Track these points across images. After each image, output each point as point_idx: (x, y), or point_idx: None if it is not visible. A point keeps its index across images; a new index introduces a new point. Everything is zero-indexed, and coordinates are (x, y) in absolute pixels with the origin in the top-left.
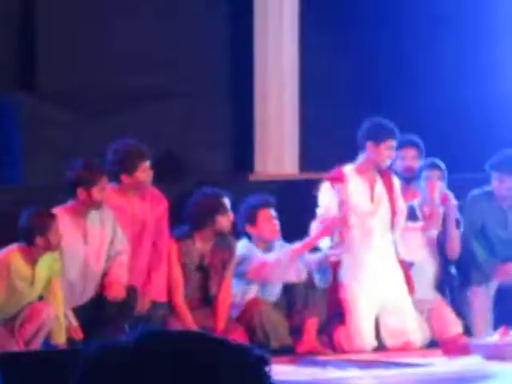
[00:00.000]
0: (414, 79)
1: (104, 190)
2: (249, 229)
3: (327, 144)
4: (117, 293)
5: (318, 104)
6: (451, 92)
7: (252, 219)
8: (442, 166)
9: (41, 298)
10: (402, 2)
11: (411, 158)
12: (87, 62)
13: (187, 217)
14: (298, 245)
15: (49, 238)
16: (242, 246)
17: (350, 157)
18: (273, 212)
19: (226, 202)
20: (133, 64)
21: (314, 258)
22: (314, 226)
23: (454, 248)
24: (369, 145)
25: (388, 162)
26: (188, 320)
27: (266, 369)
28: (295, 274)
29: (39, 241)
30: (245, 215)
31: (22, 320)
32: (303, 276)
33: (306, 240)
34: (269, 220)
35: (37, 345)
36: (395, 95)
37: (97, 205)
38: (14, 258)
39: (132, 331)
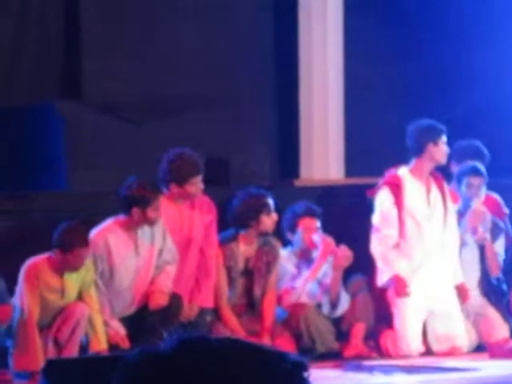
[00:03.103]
0: (457, 82)
1: (158, 208)
2: (290, 236)
3: (372, 149)
4: (159, 302)
5: (362, 109)
6: (495, 94)
7: (293, 227)
8: (484, 171)
9: None
10: (445, 3)
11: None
12: (132, 69)
13: (232, 217)
14: (307, 273)
15: (76, 255)
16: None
17: (395, 161)
18: (316, 222)
19: (271, 202)
20: (178, 71)
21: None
22: (376, 238)
23: (494, 264)
24: (429, 146)
25: (446, 158)
26: (234, 325)
27: (305, 374)
28: (308, 297)
29: (71, 254)
30: (287, 222)
31: (57, 326)
32: (317, 299)
33: (312, 268)
34: (309, 230)
35: (74, 348)
36: (438, 99)
37: (150, 222)
38: (41, 269)
39: (170, 338)
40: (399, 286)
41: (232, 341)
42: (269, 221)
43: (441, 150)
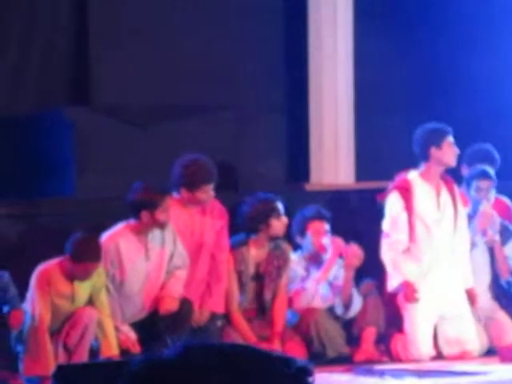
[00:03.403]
0: (468, 86)
1: (167, 210)
2: (299, 240)
3: (382, 153)
4: (169, 307)
5: (372, 113)
6: (505, 96)
7: (302, 230)
8: (493, 175)
9: None
10: (457, 10)
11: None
12: (140, 75)
13: (241, 222)
14: (317, 275)
15: (85, 268)
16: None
17: (405, 165)
18: (325, 225)
19: (280, 205)
20: (186, 75)
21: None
22: (385, 243)
23: (504, 267)
24: (432, 150)
25: (455, 159)
26: (245, 330)
27: (309, 379)
28: (321, 300)
29: (80, 266)
30: (296, 226)
31: (66, 331)
32: (329, 301)
33: (322, 269)
34: (319, 233)
35: (83, 353)
36: (449, 102)
37: (160, 225)
38: (53, 274)
39: (175, 345)
40: (408, 291)
41: (236, 347)
42: (279, 224)
43: (446, 152)
